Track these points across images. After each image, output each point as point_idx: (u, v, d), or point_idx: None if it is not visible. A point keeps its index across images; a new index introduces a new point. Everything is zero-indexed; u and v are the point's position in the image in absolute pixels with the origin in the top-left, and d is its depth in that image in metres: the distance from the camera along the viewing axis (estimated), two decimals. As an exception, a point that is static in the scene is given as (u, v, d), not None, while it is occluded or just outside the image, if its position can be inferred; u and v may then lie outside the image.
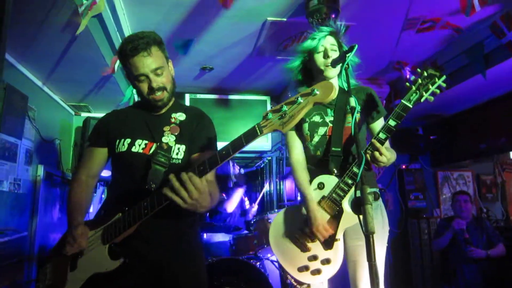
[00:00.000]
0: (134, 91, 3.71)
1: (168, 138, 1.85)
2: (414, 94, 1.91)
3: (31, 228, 3.58)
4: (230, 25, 3.27)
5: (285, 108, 1.44)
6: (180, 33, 3.39)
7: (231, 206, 4.91)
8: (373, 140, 1.92)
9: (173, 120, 1.91)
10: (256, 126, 1.50)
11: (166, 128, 1.88)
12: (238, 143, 1.52)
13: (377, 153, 1.89)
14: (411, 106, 1.91)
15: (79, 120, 4.66)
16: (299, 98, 1.42)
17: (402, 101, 1.92)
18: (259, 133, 1.48)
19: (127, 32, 3.17)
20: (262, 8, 3.03)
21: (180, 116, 1.93)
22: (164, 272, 1.78)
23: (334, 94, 1.40)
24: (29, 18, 2.54)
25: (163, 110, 1.95)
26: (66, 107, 4.49)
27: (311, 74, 2.33)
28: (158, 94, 1.82)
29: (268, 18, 3.16)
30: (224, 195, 4.83)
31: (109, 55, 3.15)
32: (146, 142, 1.85)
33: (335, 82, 2.29)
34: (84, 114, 4.75)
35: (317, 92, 1.40)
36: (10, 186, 3.19)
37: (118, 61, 3.10)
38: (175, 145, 1.85)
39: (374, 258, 1.38)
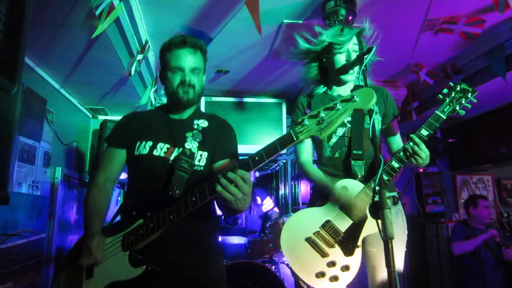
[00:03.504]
0: (153, 94, 3.76)
1: (191, 144, 1.83)
2: (448, 106, 1.97)
3: (49, 230, 3.63)
4: (246, 27, 3.25)
5: (322, 114, 1.41)
6: (196, 36, 3.38)
7: None
8: (413, 135, 1.93)
9: (195, 126, 1.89)
10: (291, 131, 1.46)
11: (189, 134, 1.86)
12: (272, 149, 1.49)
13: (416, 147, 1.90)
14: (444, 117, 1.96)
15: (96, 123, 4.71)
16: (338, 104, 1.39)
17: (436, 112, 1.97)
18: (295, 139, 1.45)
19: (144, 35, 3.19)
20: (278, 10, 3.01)
21: (203, 123, 1.91)
22: (186, 278, 1.74)
23: (374, 101, 1.38)
24: (48, 21, 2.57)
25: (186, 115, 1.94)
26: (83, 110, 4.55)
27: (326, 72, 2.28)
28: (187, 88, 1.82)
29: (284, 21, 3.14)
30: None
31: (126, 58, 3.17)
32: (168, 146, 1.83)
33: (351, 83, 2.27)
34: (101, 117, 4.80)
35: (357, 99, 1.38)
36: (29, 188, 3.24)
37: (135, 64, 3.12)
38: (197, 151, 1.83)
39: (393, 264, 1.35)
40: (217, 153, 1.87)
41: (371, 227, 1.98)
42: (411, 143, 1.92)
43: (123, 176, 4.10)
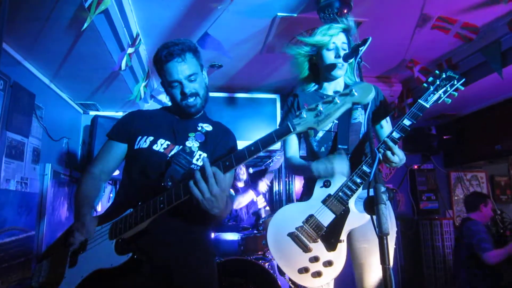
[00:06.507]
0: (143, 88, 3.70)
1: (192, 143, 1.83)
2: (431, 95, 1.92)
3: (39, 227, 3.56)
4: (239, 21, 3.21)
5: (320, 107, 1.42)
6: (188, 29, 3.34)
7: (238, 203, 4.80)
8: (386, 139, 1.88)
9: (199, 128, 1.90)
10: (288, 123, 1.47)
11: (192, 134, 1.86)
12: (268, 139, 1.49)
13: (389, 153, 1.86)
14: (428, 106, 1.90)
15: (87, 119, 4.64)
16: (336, 98, 1.41)
17: (419, 100, 1.92)
18: (292, 130, 1.46)
19: (134, 28, 3.13)
20: (272, 3, 2.96)
21: (207, 127, 1.93)
22: (172, 275, 1.70)
23: (373, 95, 1.38)
24: (34, 14, 2.50)
25: (192, 118, 1.94)
26: (74, 105, 4.47)
27: (316, 70, 2.27)
28: (191, 100, 1.83)
29: (278, 14, 3.09)
30: (232, 190, 4.75)
31: (116, 52, 3.11)
32: (169, 143, 1.83)
33: (341, 79, 2.24)
34: (93, 113, 4.73)
35: (356, 93, 1.39)
36: (17, 185, 3.17)
37: (125, 58, 3.05)
38: (197, 151, 1.82)
39: (389, 261, 1.31)
40: (214, 157, 1.86)
41: (354, 221, 1.96)
42: (383, 146, 1.88)
43: (116, 172, 4.05)
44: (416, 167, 5.91)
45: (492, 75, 3.67)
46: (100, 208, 4.48)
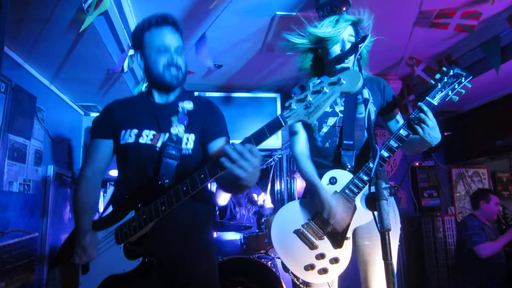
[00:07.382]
0: (144, 89, 3.68)
1: (177, 129, 1.78)
2: (439, 92, 1.90)
3: (42, 229, 3.58)
4: (239, 20, 3.21)
5: (310, 97, 1.39)
6: (187, 30, 3.33)
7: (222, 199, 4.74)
8: (420, 104, 1.86)
9: (180, 109, 1.84)
10: (279, 116, 1.43)
11: (174, 118, 1.81)
12: (260, 134, 1.45)
13: (423, 115, 1.83)
14: (435, 104, 1.89)
15: (88, 120, 4.66)
16: (325, 88, 1.37)
17: (427, 98, 1.90)
18: (283, 124, 1.42)
19: (134, 29, 3.13)
20: (271, 2, 2.96)
21: (188, 105, 1.86)
22: (178, 271, 1.73)
23: (361, 83, 1.35)
24: (34, 16, 2.51)
25: (171, 98, 1.90)
26: (75, 107, 4.49)
27: (321, 63, 2.22)
28: (174, 71, 1.79)
29: (277, 13, 3.09)
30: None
31: (116, 53, 3.12)
32: (154, 132, 1.79)
33: None
34: (94, 114, 4.75)
35: (344, 82, 1.35)
36: (20, 187, 3.18)
37: (127, 60, 3.06)
38: (184, 135, 1.79)
39: (391, 257, 1.32)
40: (207, 135, 1.84)
41: (361, 218, 1.95)
42: (414, 114, 1.86)
43: (115, 173, 4.05)
44: (417, 164, 5.89)
45: (493, 71, 3.65)
46: (101, 208, 4.49)
